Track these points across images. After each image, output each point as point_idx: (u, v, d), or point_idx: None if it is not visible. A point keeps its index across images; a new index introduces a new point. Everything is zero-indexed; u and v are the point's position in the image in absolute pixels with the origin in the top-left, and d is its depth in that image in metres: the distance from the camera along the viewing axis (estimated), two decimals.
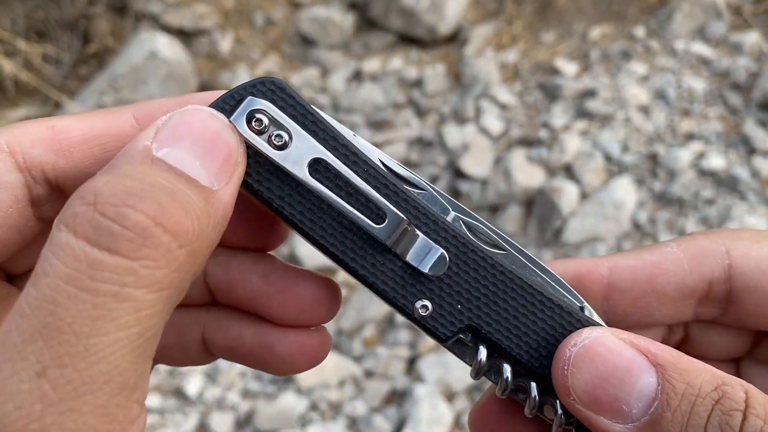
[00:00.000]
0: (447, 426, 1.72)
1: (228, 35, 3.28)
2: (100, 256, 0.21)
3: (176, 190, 0.24)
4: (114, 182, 0.23)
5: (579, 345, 0.30)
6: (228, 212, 0.27)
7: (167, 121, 0.26)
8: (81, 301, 0.21)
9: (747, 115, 2.41)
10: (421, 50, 3.20)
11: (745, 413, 0.28)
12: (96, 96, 2.68)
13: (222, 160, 0.27)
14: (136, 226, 0.22)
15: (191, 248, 0.23)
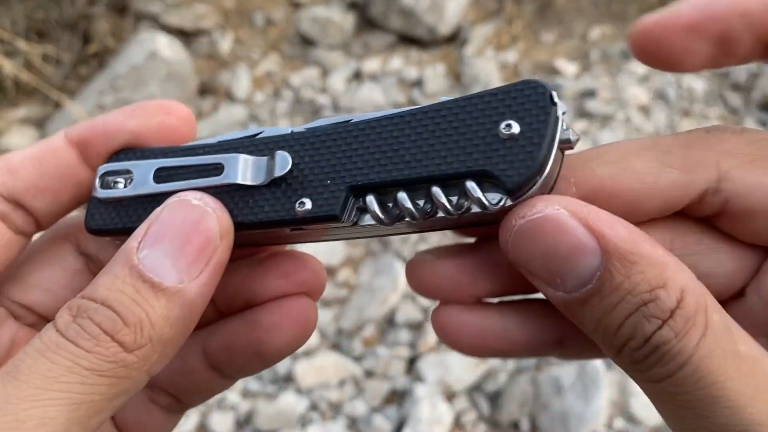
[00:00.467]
0: (447, 426, 1.73)
1: (228, 35, 3.28)
2: (64, 342, 0.29)
3: (138, 299, 0.30)
4: (91, 292, 0.30)
5: (527, 218, 0.30)
6: (196, 305, 0.31)
7: (156, 215, 0.32)
8: (40, 362, 0.28)
9: (747, 116, 2.41)
10: (421, 50, 3.20)
11: (664, 323, 0.28)
12: (96, 96, 2.68)
13: (195, 254, 0.31)
14: (92, 332, 0.29)
15: (142, 352, 0.29)
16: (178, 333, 0.31)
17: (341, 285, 2.15)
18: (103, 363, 0.28)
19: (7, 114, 2.89)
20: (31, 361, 0.28)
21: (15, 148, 2.79)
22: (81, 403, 0.27)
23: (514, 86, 0.32)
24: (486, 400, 1.80)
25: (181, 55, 2.90)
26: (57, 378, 0.27)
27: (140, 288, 0.30)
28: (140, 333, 0.29)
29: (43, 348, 0.28)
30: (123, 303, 0.29)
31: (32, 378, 0.27)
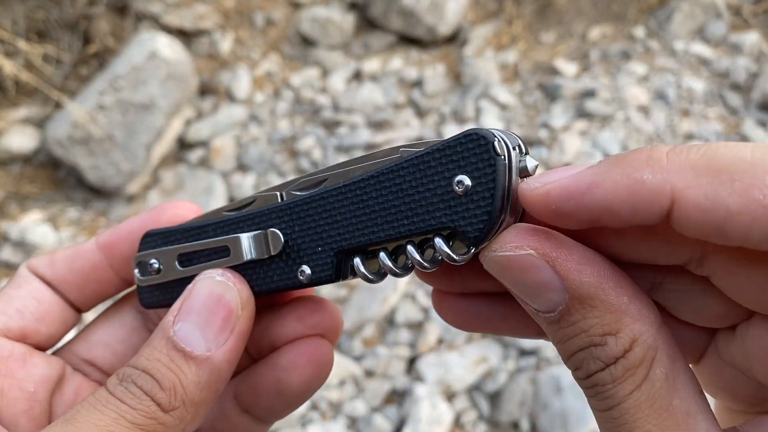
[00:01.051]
0: (447, 425, 1.73)
1: (228, 35, 3.28)
2: (112, 399, 0.34)
3: (172, 367, 0.35)
4: (134, 361, 0.36)
5: (497, 253, 0.32)
6: (224, 370, 0.36)
7: (188, 291, 0.37)
8: (92, 413, 0.33)
9: (746, 115, 2.41)
10: (421, 50, 3.20)
11: (607, 366, 0.30)
12: (96, 96, 2.68)
13: (220, 324, 0.36)
14: (135, 393, 0.34)
15: (177, 412, 0.34)
16: (209, 395, 0.36)
17: (341, 285, 2.15)
18: (143, 419, 0.33)
19: (7, 114, 2.89)
20: (85, 411, 0.33)
21: (15, 147, 2.80)
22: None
23: (458, 140, 0.33)
24: (486, 400, 1.80)
25: (182, 55, 2.90)
26: (105, 427, 0.32)
27: (174, 357, 0.35)
28: (174, 395, 0.34)
29: (95, 402, 0.34)
30: (159, 370, 0.35)
31: (85, 425, 0.32)
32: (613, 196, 0.29)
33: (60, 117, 2.73)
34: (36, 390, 0.41)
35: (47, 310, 0.42)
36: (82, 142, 2.64)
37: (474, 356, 1.87)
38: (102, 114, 2.66)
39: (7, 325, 0.41)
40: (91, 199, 2.73)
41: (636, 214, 0.28)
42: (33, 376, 0.41)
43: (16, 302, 0.42)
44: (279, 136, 2.81)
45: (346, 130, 2.74)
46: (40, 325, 0.42)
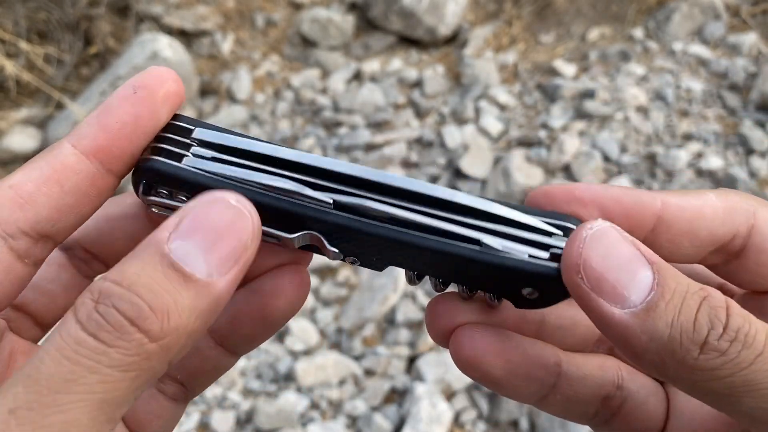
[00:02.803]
0: (447, 425, 1.73)
1: (229, 36, 3.29)
2: (84, 338, 0.27)
3: (167, 287, 0.29)
4: (114, 276, 0.29)
5: (595, 228, 0.33)
6: (222, 299, 0.31)
7: (190, 209, 0.31)
8: (61, 364, 0.27)
9: (745, 116, 2.42)
10: (421, 51, 3.21)
11: (728, 311, 0.30)
12: (97, 96, 2.69)
13: (228, 251, 0.31)
14: (115, 323, 0.28)
15: (164, 342, 0.29)
16: (202, 325, 0.31)
17: (341, 284, 2.16)
18: (125, 358, 0.28)
19: (8, 114, 2.90)
20: (51, 363, 0.27)
21: (17, 147, 2.80)
22: (103, 402, 0.27)
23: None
24: (485, 399, 1.81)
25: (182, 55, 2.91)
26: (79, 379, 0.27)
27: (170, 276, 0.29)
28: (167, 321, 0.29)
29: (61, 347, 0.27)
30: (151, 289, 0.29)
31: (53, 382, 0.27)
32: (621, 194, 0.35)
33: (61, 117, 2.74)
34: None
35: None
36: None
37: None
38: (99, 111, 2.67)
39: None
40: None
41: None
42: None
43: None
44: (280, 137, 2.82)
45: (347, 130, 2.75)
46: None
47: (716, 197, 0.37)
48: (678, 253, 0.37)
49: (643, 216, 0.36)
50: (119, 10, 3.18)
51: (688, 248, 0.36)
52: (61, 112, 2.82)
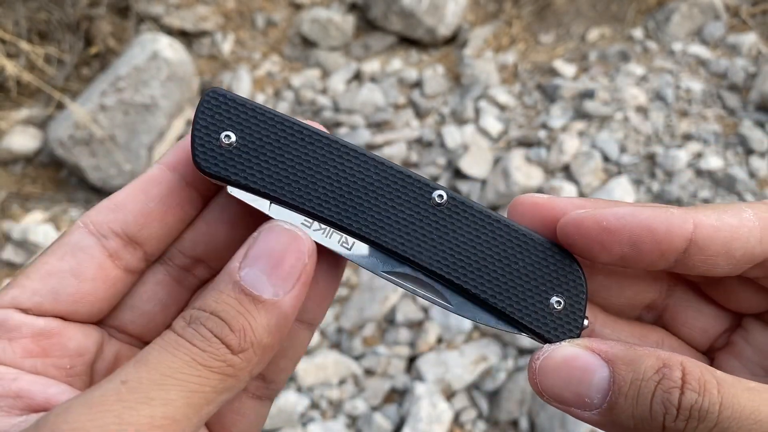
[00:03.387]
0: (446, 424, 1.74)
1: (229, 36, 3.30)
2: (183, 341, 0.35)
3: (241, 310, 0.36)
4: (201, 304, 0.36)
5: (542, 358, 0.38)
6: (290, 314, 0.37)
7: (254, 240, 0.37)
8: (165, 355, 0.34)
9: (744, 116, 2.42)
10: (421, 51, 3.21)
11: (683, 389, 0.34)
12: (98, 96, 2.69)
13: (288, 270, 0.37)
14: (205, 335, 0.35)
15: (245, 355, 0.36)
16: (275, 340, 0.37)
17: (342, 284, 2.16)
18: (214, 361, 0.34)
19: (9, 114, 2.90)
20: (157, 354, 0.34)
21: (17, 148, 2.81)
22: (195, 392, 0.34)
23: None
24: (485, 399, 1.81)
25: (183, 56, 2.91)
26: (178, 369, 0.33)
27: (243, 300, 0.36)
28: (243, 338, 0.35)
29: (165, 344, 0.34)
30: (229, 313, 0.35)
31: (159, 367, 0.33)
32: (651, 220, 0.37)
33: (62, 117, 2.74)
34: (73, 365, 0.40)
35: (89, 291, 0.40)
36: (83, 142, 2.65)
37: (473, 355, 1.88)
38: (104, 114, 2.67)
39: (41, 306, 0.39)
40: (92, 199, 2.74)
41: (667, 237, 0.37)
42: (69, 351, 0.40)
43: (54, 281, 0.39)
44: None
45: (347, 130, 2.76)
46: (77, 306, 0.40)
47: (754, 214, 0.38)
48: (713, 272, 0.39)
49: (675, 241, 0.37)
50: (119, 11, 3.18)
51: (724, 267, 0.38)
52: (61, 112, 2.82)
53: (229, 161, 0.41)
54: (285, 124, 0.42)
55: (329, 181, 0.41)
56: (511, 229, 0.42)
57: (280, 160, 0.41)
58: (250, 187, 0.41)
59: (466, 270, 0.41)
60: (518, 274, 0.42)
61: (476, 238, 0.42)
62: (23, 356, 0.38)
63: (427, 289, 0.42)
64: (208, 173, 0.41)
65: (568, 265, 0.42)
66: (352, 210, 0.41)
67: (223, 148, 0.41)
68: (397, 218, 0.41)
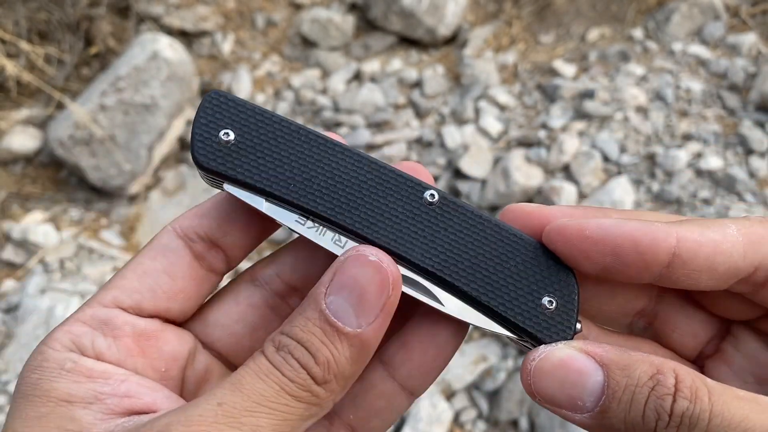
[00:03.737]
0: (447, 424, 1.74)
1: (229, 36, 3.30)
2: (273, 369, 0.36)
3: (325, 341, 0.37)
4: (289, 330, 0.37)
5: (537, 359, 0.38)
6: (371, 345, 0.38)
7: (339, 265, 0.38)
8: (257, 382, 0.36)
9: (744, 116, 2.42)
10: (421, 51, 3.21)
11: (675, 396, 0.34)
12: (98, 97, 2.70)
13: (372, 302, 0.38)
14: (293, 365, 0.36)
15: (329, 385, 0.37)
16: (357, 369, 0.38)
17: None
18: (300, 391, 0.36)
19: (9, 114, 2.90)
20: (250, 379, 0.36)
21: (17, 148, 2.81)
22: (284, 420, 0.36)
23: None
24: (485, 399, 1.81)
25: (183, 56, 2.91)
26: (269, 398, 0.35)
27: (327, 331, 0.37)
28: (327, 370, 0.37)
29: (257, 371, 0.36)
30: (314, 344, 0.37)
31: (251, 394, 0.35)
32: (634, 231, 0.38)
33: (62, 117, 2.74)
34: (168, 369, 0.42)
35: (181, 288, 0.43)
36: (83, 142, 2.65)
37: (473, 355, 1.88)
38: (104, 114, 2.67)
39: (140, 304, 0.41)
40: (92, 200, 2.74)
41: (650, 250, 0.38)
42: (164, 354, 0.42)
43: (150, 279, 0.42)
44: None
45: (347, 130, 2.76)
46: (171, 303, 0.42)
47: (737, 230, 0.38)
48: (697, 286, 0.39)
49: (658, 254, 0.38)
50: (120, 11, 3.18)
51: (708, 281, 0.39)
52: (61, 112, 2.82)
53: (227, 158, 0.42)
54: (282, 124, 0.43)
55: (323, 179, 0.42)
56: (502, 229, 0.42)
57: (277, 158, 0.42)
58: (246, 184, 0.42)
59: (458, 268, 0.41)
60: (509, 273, 0.42)
61: (467, 237, 0.42)
62: (126, 355, 0.40)
63: (419, 289, 0.42)
64: (206, 168, 0.42)
65: (559, 266, 0.42)
66: (346, 207, 0.42)
67: (222, 145, 0.42)
68: (389, 216, 0.42)
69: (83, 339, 0.39)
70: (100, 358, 0.39)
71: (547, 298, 0.42)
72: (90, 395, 0.37)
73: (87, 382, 0.38)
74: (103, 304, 0.41)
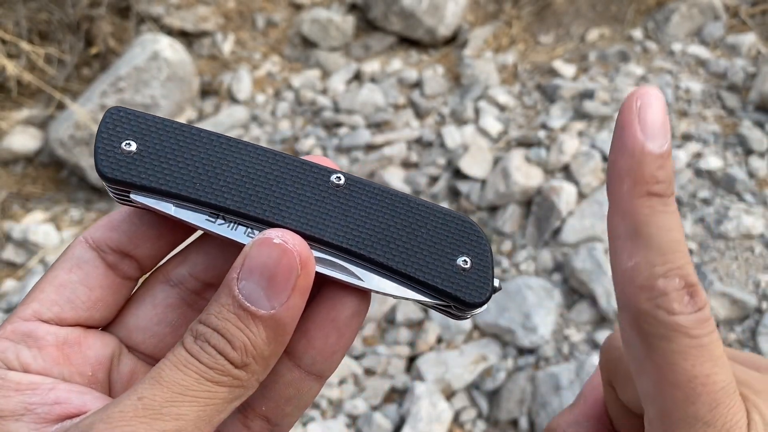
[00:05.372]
0: (446, 424, 1.74)
1: (229, 37, 3.30)
2: (191, 359, 0.37)
3: (240, 326, 0.38)
4: (206, 319, 0.38)
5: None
6: (288, 324, 0.39)
7: (247, 250, 0.39)
8: (176, 374, 0.37)
9: (744, 116, 2.43)
10: (421, 52, 3.22)
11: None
12: (98, 97, 2.70)
13: (282, 284, 0.38)
14: (210, 352, 0.37)
15: (249, 367, 0.38)
16: (276, 348, 0.39)
17: None
18: (220, 376, 0.37)
19: (10, 114, 2.91)
20: (169, 371, 0.37)
21: (18, 148, 2.81)
22: (207, 405, 0.37)
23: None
24: (485, 399, 1.81)
25: (183, 56, 2.91)
26: (189, 386, 0.36)
27: (241, 316, 0.38)
28: (245, 353, 0.38)
29: (176, 362, 0.37)
30: (229, 330, 0.38)
31: (171, 385, 0.36)
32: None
33: (62, 117, 2.75)
34: (94, 372, 0.42)
35: (99, 297, 0.44)
36: (84, 142, 2.65)
37: (473, 355, 1.89)
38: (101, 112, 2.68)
39: (60, 315, 0.42)
40: (93, 199, 2.75)
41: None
42: (89, 359, 0.43)
43: (67, 291, 0.43)
44: (280, 137, 2.83)
45: (347, 130, 2.76)
46: (91, 312, 0.44)
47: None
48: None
49: None
50: (120, 11, 3.19)
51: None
52: (62, 112, 2.82)
53: (131, 166, 0.43)
54: (182, 129, 0.44)
55: (229, 175, 0.43)
56: (410, 200, 0.44)
57: (180, 161, 0.43)
58: (152, 189, 0.42)
59: (372, 242, 0.43)
60: (422, 240, 0.43)
61: (377, 212, 0.43)
62: (52, 364, 0.41)
63: (337, 269, 0.43)
64: (110, 179, 0.42)
65: (469, 227, 0.44)
66: (254, 198, 0.43)
67: (125, 155, 0.43)
68: (298, 202, 0.43)
69: (7, 354, 0.40)
70: (27, 369, 0.40)
71: (462, 258, 0.43)
72: (20, 407, 0.38)
73: (16, 395, 0.39)
74: (23, 318, 0.42)
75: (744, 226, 2.00)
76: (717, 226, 2.03)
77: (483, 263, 0.43)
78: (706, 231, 2.04)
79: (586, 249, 2.03)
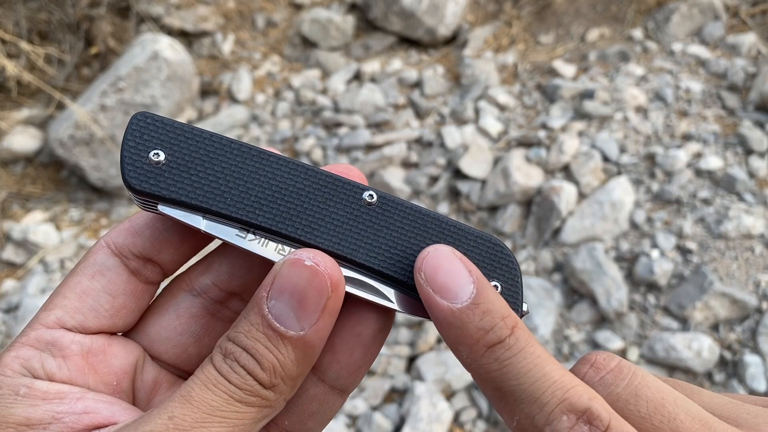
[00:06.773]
0: (446, 423, 1.74)
1: (229, 37, 3.30)
2: (221, 378, 0.38)
3: (269, 347, 0.38)
4: (234, 336, 0.38)
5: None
6: (316, 346, 0.39)
7: (277, 269, 0.39)
8: (207, 393, 0.37)
9: (744, 116, 2.42)
10: (421, 52, 3.22)
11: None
12: (98, 97, 2.70)
13: (312, 306, 0.38)
14: (240, 372, 0.38)
15: (277, 387, 0.38)
16: (304, 369, 0.39)
17: None
18: (249, 397, 0.37)
19: (9, 114, 2.90)
20: (199, 390, 0.37)
21: (18, 148, 2.81)
22: (235, 426, 0.37)
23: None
24: (485, 399, 1.81)
25: (183, 56, 2.91)
26: (219, 407, 0.37)
27: (270, 336, 0.38)
28: (273, 374, 0.38)
29: (206, 381, 0.37)
30: (259, 351, 0.38)
31: (201, 405, 0.36)
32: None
33: (62, 117, 2.75)
34: (119, 382, 0.42)
35: (122, 304, 0.43)
36: (84, 142, 2.65)
37: None
38: (104, 114, 2.68)
39: (83, 324, 0.42)
40: (93, 199, 2.74)
41: None
42: (114, 368, 0.43)
43: (90, 299, 0.42)
44: (280, 137, 2.83)
45: (347, 130, 2.76)
46: (115, 320, 0.43)
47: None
48: None
49: None
50: (120, 11, 3.19)
51: None
52: (61, 112, 2.82)
53: (159, 178, 0.41)
54: (213, 139, 0.42)
55: (260, 190, 0.42)
56: (442, 221, 0.43)
57: (211, 173, 0.42)
58: (182, 202, 0.41)
59: (404, 264, 0.42)
60: None
61: (409, 233, 0.43)
62: (77, 374, 0.41)
63: (368, 290, 0.42)
64: (139, 191, 0.41)
65: (500, 251, 0.43)
66: (286, 215, 0.42)
67: (153, 166, 0.41)
68: (330, 220, 0.42)
69: (33, 362, 0.40)
70: (52, 378, 0.40)
71: (493, 283, 0.43)
72: (48, 416, 0.38)
73: (43, 404, 0.38)
74: (46, 326, 0.41)
75: (744, 226, 2.00)
76: (717, 226, 2.03)
77: (513, 288, 0.43)
78: (706, 231, 2.04)
79: (586, 249, 2.03)
